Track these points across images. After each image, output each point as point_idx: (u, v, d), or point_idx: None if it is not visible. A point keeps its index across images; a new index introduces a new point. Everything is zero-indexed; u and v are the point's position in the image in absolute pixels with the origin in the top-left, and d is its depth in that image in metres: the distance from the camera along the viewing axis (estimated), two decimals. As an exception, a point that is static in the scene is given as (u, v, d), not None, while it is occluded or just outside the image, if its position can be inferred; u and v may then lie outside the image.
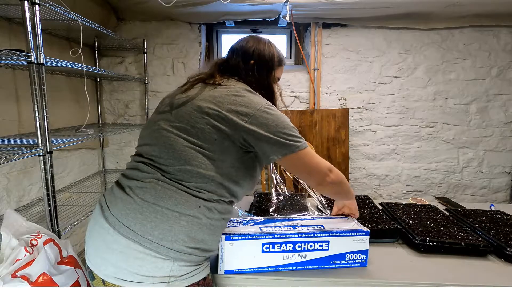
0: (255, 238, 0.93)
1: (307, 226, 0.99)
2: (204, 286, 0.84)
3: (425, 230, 1.14)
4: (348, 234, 0.97)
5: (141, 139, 0.94)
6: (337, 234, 0.96)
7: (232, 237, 0.92)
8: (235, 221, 1.02)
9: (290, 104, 2.62)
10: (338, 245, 0.96)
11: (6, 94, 1.58)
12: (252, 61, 1.01)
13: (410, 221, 1.24)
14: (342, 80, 2.58)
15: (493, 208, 1.50)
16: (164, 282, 0.77)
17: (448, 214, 1.37)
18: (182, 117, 0.86)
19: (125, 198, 0.81)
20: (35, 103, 1.27)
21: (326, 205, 1.43)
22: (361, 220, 1.23)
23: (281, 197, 1.51)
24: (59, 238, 1.32)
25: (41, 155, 1.30)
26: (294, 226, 0.99)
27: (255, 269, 0.94)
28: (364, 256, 0.98)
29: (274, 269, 0.95)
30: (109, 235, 0.78)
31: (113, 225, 0.79)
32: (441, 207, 1.52)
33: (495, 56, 2.54)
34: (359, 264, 0.98)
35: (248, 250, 0.93)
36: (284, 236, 0.94)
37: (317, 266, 0.97)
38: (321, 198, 1.37)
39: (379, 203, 1.48)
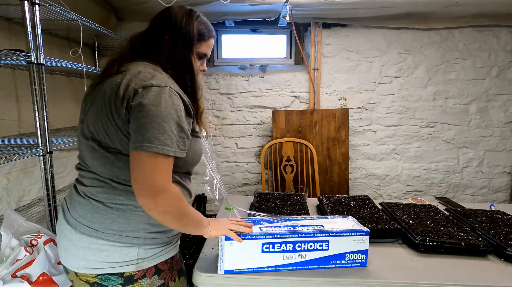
0: (255, 238, 0.93)
1: (307, 226, 0.99)
2: (172, 264, 0.89)
3: (425, 230, 1.14)
4: (348, 234, 0.96)
5: (78, 147, 0.92)
6: (337, 234, 0.96)
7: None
8: (238, 219, 1.02)
9: (290, 104, 2.62)
10: (338, 245, 0.96)
11: (6, 94, 1.58)
12: (167, 37, 0.89)
13: (410, 221, 1.24)
14: (342, 80, 2.58)
15: (493, 208, 1.50)
16: (132, 264, 0.82)
17: (448, 214, 1.37)
18: (90, 126, 0.83)
19: (81, 201, 0.84)
20: (35, 103, 1.27)
21: (327, 206, 1.43)
22: (361, 220, 1.23)
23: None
24: (59, 238, 1.31)
25: (41, 155, 1.30)
26: (294, 226, 0.98)
27: (255, 269, 0.94)
28: (364, 256, 0.98)
29: (274, 269, 0.95)
30: (73, 235, 0.83)
31: (74, 226, 0.83)
32: (441, 207, 1.52)
33: (495, 56, 2.54)
34: (359, 264, 0.98)
35: (248, 250, 0.93)
36: (284, 236, 0.94)
37: (317, 266, 0.97)
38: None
39: (379, 203, 1.48)
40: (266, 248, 0.94)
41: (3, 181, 1.58)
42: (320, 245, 0.96)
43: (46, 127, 1.30)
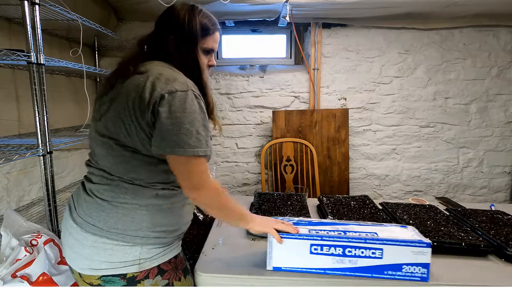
0: (303, 238, 0.92)
1: (359, 232, 0.95)
2: (176, 264, 0.90)
3: (425, 230, 1.14)
4: (405, 244, 0.90)
5: (89, 145, 0.93)
6: (392, 243, 0.90)
7: (280, 236, 0.92)
8: (285, 222, 1.00)
9: (290, 104, 2.62)
10: (393, 255, 0.91)
11: (6, 94, 1.58)
12: (171, 36, 0.89)
13: (410, 221, 1.24)
14: (342, 80, 2.58)
15: (493, 208, 1.50)
16: (135, 264, 0.83)
17: (448, 214, 1.37)
18: (109, 125, 0.84)
19: (88, 199, 0.86)
20: (35, 103, 1.27)
21: (328, 209, 1.43)
22: (361, 220, 1.23)
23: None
24: (59, 238, 1.31)
25: (41, 155, 1.29)
26: (345, 231, 0.96)
27: (302, 269, 0.94)
28: (425, 270, 0.90)
29: (322, 271, 0.93)
30: (79, 234, 0.84)
31: (80, 225, 0.84)
32: (441, 207, 1.52)
33: (495, 56, 2.54)
34: (419, 278, 0.91)
35: (296, 249, 0.93)
36: (333, 239, 0.92)
37: (370, 275, 0.92)
38: None
39: (379, 203, 1.48)
40: (315, 249, 0.92)
41: (3, 181, 1.58)
42: (372, 253, 0.91)
43: (46, 127, 1.30)
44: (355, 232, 0.95)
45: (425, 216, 1.31)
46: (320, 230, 0.96)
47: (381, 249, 0.91)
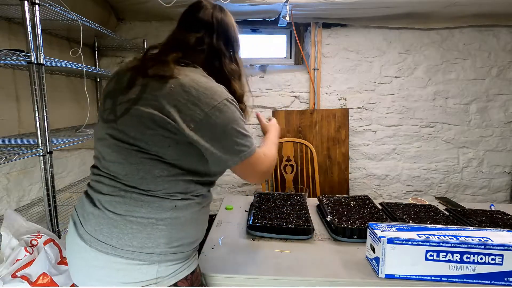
0: (419, 244, 0.89)
1: (471, 237, 0.92)
2: (192, 281, 0.82)
3: (425, 230, 1.14)
4: None
5: (95, 149, 0.86)
6: None
7: (394, 241, 0.90)
8: (385, 226, 0.99)
9: (290, 104, 2.62)
10: None
11: (6, 94, 1.58)
12: (215, 36, 0.86)
13: (410, 221, 1.24)
14: (342, 80, 2.58)
15: (493, 208, 1.50)
16: (151, 284, 0.76)
17: (448, 214, 1.37)
18: (128, 127, 0.76)
19: (96, 213, 0.77)
20: (35, 103, 1.27)
21: (328, 210, 1.43)
22: (361, 220, 1.23)
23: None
24: (59, 238, 1.31)
25: (41, 155, 1.29)
26: (456, 236, 0.92)
27: (417, 277, 0.91)
28: None
29: (438, 278, 0.91)
30: (87, 253, 0.76)
31: (89, 243, 0.76)
32: (441, 207, 1.52)
33: (495, 56, 2.54)
34: None
35: (411, 255, 0.90)
36: (450, 245, 0.89)
37: (488, 282, 0.90)
38: None
39: (379, 203, 1.48)
40: (430, 256, 0.89)
41: (3, 181, 1.58)
42: (492, 259, 0.88)
43: (46, 127, 1.30)
44: (466, 237, 0.91)
45: (425, 216, 1.31)
46: (430, 235, 0.92)
47: (502, 255, 0.88)
